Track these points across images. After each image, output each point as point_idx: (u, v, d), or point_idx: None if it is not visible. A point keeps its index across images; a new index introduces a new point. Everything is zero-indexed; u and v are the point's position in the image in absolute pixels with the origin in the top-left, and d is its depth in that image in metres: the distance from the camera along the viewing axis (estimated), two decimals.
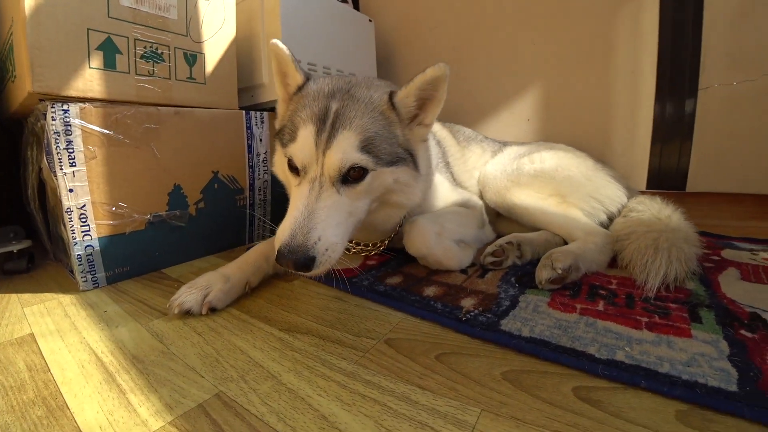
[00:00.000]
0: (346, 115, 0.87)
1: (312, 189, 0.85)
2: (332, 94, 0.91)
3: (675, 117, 1.51)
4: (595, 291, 0.93)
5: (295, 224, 0.80)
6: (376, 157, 0.88)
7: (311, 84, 0.97)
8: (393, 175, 0.93)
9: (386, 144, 0.90)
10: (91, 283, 1.09)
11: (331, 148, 0.84)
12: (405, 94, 0.93)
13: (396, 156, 0.92)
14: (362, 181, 0.88)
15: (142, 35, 1.15)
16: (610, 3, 1.61)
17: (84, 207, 1.05)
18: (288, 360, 0.72)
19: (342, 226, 0.86)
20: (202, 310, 0.89)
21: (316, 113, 0.88)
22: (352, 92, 0.92)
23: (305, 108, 0.90)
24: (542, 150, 1.37)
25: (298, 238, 0.78)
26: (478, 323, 0.80)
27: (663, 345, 0.69)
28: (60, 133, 0.99)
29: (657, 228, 1.02)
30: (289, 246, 0.78)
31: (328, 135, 0.85)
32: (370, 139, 0.87)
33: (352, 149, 0.85)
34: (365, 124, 0.88)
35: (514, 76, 1.87)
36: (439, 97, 0.95)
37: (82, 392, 0.65)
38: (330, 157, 0.84)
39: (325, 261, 0.81)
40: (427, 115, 0.98)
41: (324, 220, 0.82)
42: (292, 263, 0.77)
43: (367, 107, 0.90)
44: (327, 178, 0.85)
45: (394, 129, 0.93)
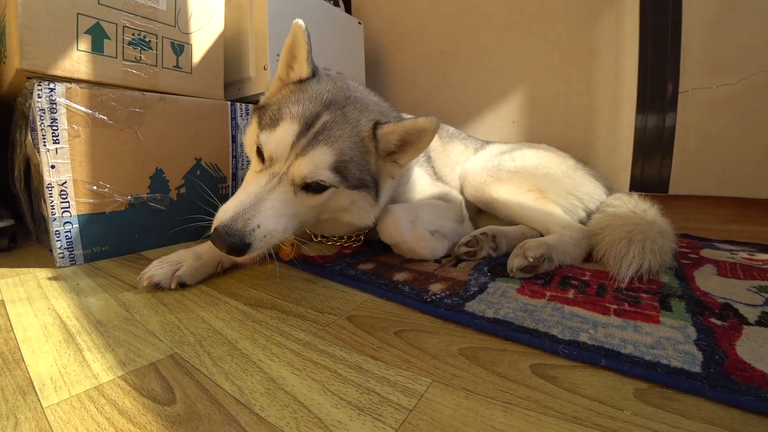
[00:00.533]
0: (332, 132, 0.86)
1: (269, 182, 0.83)
2: (327, 105, 0.90)
3: (656, 120, 1.53)
4: (567, 281, 0.93)
5: (240, 207, 0.78)
6: (343, 178, 0.87)
7: (314, 83, 0.95)
8: (351, 197, 0.93)
9: (357, 170, 0.90)
10: (68, 259, 1.10)
11: (305, 156, 0.83)
12: (390, 131, 0.92)
13: (362, 182, 0.92)
14: (321, 194, 0.87)
15: (130, 23, 1.19)
16: (591, 9, 1.65)
17: (65, 184, 1.06)
18: (247, 329, 0.72)
19: (285, 219, 0.84)
20: (171, 284, 0.90)
21: (305, 115, 0.86)
22: (346, 110, 0.91)
23: (298, 104, 0.89)
24: (524, 148, 1.38)
25: (238, 222, 0.77)
26: (442, 304, 0.80)
27: (629, 329, 0.69)
28: (45, 110, 1.02)
29: (632, 221, 1.02)
30: (228, 228, 0.76)
31: (308, 143, 0.84)
32: (343, 162, 0.86)
33: (324, 166, 0.84)
34: (344, 147, 0.87)
35: (499, 79, 1.90)
36: (420, 146, 0.94)
37: (40, 349, 0.66)
38: (300, 164, 0.83)
39: (261, 246, 0.79)
40: (402, 156, 0.97)
41: (269, 210, 0.80)
42: (226, 246, 0.75)
43: (352, 131, 0.89)
44: (289, 179, 0.84)
45: (368, 158, 0.93)
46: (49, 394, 0.54)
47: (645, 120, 1.55)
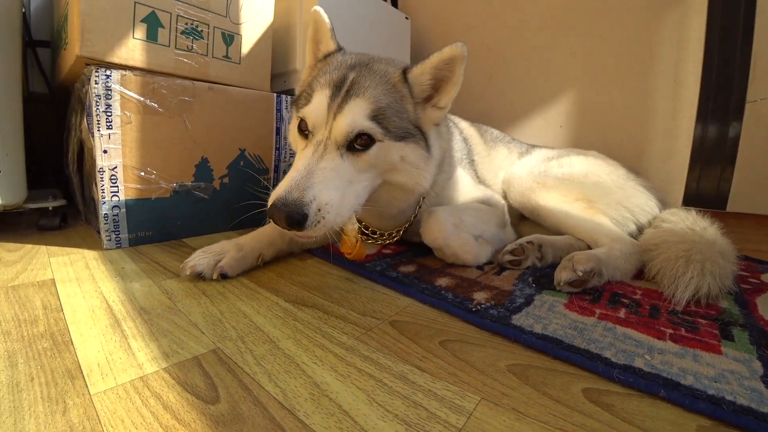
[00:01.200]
0: (361, 84, 0.88)
1: (315, 151, 0.84)
2: (353, 66, 0.92)
3: (719, 131, 1.43)
4: (617, 299, 0.88)
5: (292, 182, 0.78)
6: (384, 128, 0.87)
7: (338, 55, 1.00)
8: (400, 152, 0.91)
9: (396, 117, 0.89)
10: (114, 242, 1.13)
11: (342, 113, 0.85)
12: (420, 72, 0.92)
13: (405, 131, 0.91)
14: (368, 151, 0.86)
15: (184, 12, 1.20)
16: (653, 9, 1.55)
17: (115, 168, 1.09)
18: (289, 328, 0.71)
19: (340, 191, 0.83)
20: (213, 274, 0.90)
21: (334, 79, 0.89)
22: (371, 65, 0.93)
23: (325, 74, 0.92)
24: (572, 155, 1.33)
25: (293, 193, 0.77)
26: (488, 315, 0.77)
27: (688, 357, 0.64)
28: (101, 96, 1.05)
29: (690, 239, 0.96)
30: (283, 200, 0.76)
31: (341, 100, 0.86)
32: (380, 110, 0.87)
33: (362, 116, 0.85)
34: (378, 94, 0.88)
35: (548, 81, 1.83)
36: (455, 80, 0.93)
37: (88, 332, 0.68)
38: (339, 121, 0.84)
39: (319, 223, 0.78)
40: (442, 97, 0.96)
41: (322, 182, 0.80)
42: (285, 216, 0.75)
43: (381, 79, 0.91)
44: (333, 141, 0.84)
45: (405, 104, 0.92)
46: (97, 381, 0.55)
47: (705, 130, 1.45)
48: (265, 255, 1.02)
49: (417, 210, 1.11)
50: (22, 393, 0.52)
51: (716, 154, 1.44)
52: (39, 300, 0.79)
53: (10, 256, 1.06)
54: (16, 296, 0.80)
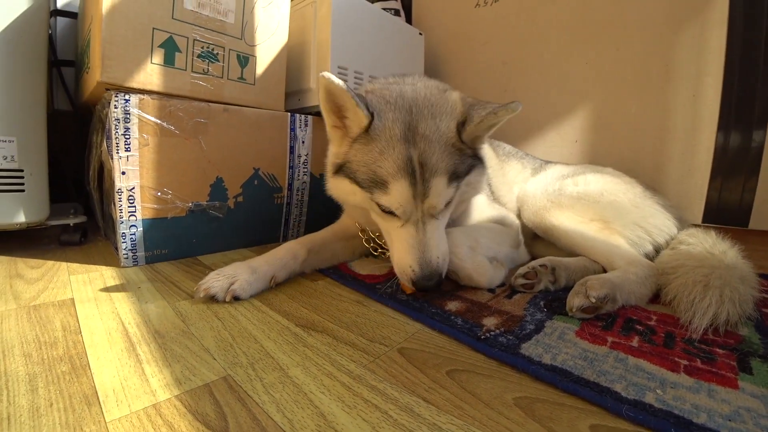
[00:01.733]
0: (431, 162, 0.89)
1: (418, 228, 0.92)
2: (405, 137, 0.89)
3: (740, 146, 1.38)
4: (630, 325, 0.86)
5: (421, 259, 0.90)
6: (457, 177, 0.94)
7: (377, 123, 0.91)
8: (467, 180, 0.99)
9: (462, 164, 0.95)
10: (131, 260, 1.17)
11: (429, 196, 0.90)
12: (473, 131, 0.94)
13: (469, 167, 0.98)
14: (452, 201, 0.98)
15: (201, 36, 1.24)
16: (671, 21, 1.52)
17: (133, 189, 1.12)
18: (298, 355, 0.72)
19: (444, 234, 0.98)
20: (226, 297, 0.92)
21: (402, 166, 0.88)
22: (423, 132, 0.90)
23: (385, 157, 0.89)
24: (588, 172, 1.30)
25: (427, 268, 0.90)
26: (497, 343, 0.76)
27: (702, 393, 0.62)
28: (120, 120, 1.08)
29: (709, 263, 0.93)
30: (424, 276, 0.89)
31: (423, 186, 0.89)
32: (453, 172, 0.92)
33: (445, 189, 0.92)
34: (447, 164, 0.91)
35: (563, 95, 1.80)
36: (500, 125, 0.97)
37: (104, 356, 0.70)
38: (429, 203, 0.91)
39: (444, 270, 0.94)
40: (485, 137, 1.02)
41: (437, 244, 0.93)
42: (433, 286, 0.91)
43: (440, 144, 0.91)
44: (428, 215, 0.93)
45: (464, 150, 0.97)
46: (112, 408, 0.57)
47: (727, 145, 1.41)
48: (277, 277, 1.03)
49: None
50: (41, 419, 0.54)
51: (738, 171, 1.40)
52: (59, 321, 0.82)
53: (32, 273, 1.10)
54: (38, 317, 0.83)
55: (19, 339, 0.74)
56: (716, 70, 1.42)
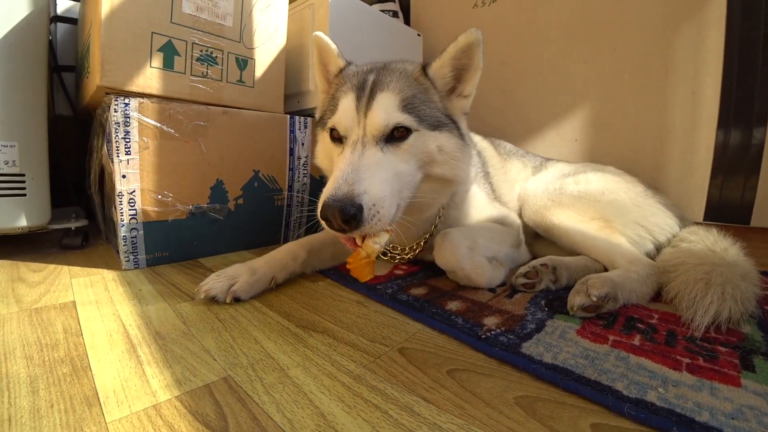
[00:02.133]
0: (383, 81, 0.91)
1: (354, 150, 0.85)
2: (370, 70, 0.96)
3: (740, 144, 1.38)
4: (632, 324, 0.86)
5: (339, 180, 0.78)
6: (417, 117, 0.89)
7: (352, 66, 1.03)
8: (436, 141, 0.93)
9: (424, 106, 0.92)
10: (132, 263, 1.17)
11: (372, 109, 0.87)
12: (439, 65, 0.95)
13: (437, 120, 0.93)
14: (406, 140, 0.88)
15: (199, 40, 1.24)
16: (668, 21, 1.52)
17: (133, 192, 1.13)
18: (299, 355, 0.72)
19: (389, 183, 0.83)
20: (226, 298, 0.92)
21: (355, 84, 0.92)
22: (388, 65, 0.97)
23: (345, 83, 0.95)
24: (589, 171, 1.30)
25: (342, 188, 0.76)
26: (497, 343, 0.76)
27: (705, 391, 0.62)
28: (120, 123, 1.09)
29: (710, 261, 0.93)
30: (334, 196, 0.75)
31: (368, 99, 0.88)
32: (408, 99, 0.89)
33: (393, 108, 0.87)
34: (402, 86, 0.90)
35: (562, 95, 1.80)
36: (474, 66, 0.95)
37: (105, 358, 0.70)
38: (371, 117, 0.86)
39: (374, 217, 0.77)
40: (465, 86, 0.99)
41: (370, 176, 0.80)
42: (339, 212, 0.74)
43: (402, 75, 0.93)
44: (370, 137, 0.87)
45: (431, 95, 0.95)
46: (112, 409, 0.57)
47: (727, 143, 1.41)
48: (278, 278, 1.03)
49: (437, 220, 1.11)
50: (42, 420, 0.54)
51: (739, 169, 1.39)
52: (60, 323, 0.82)
53: (34, 276, 1.11)
54: (39, 319, 0.84)
55: (21, 341, 0.74)
56: (715, 68, 1.42)
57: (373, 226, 0.78)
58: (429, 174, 0.95)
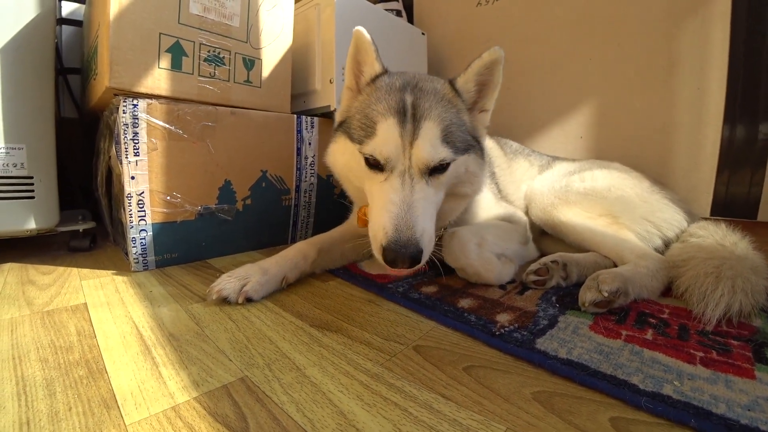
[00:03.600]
0: (424, 106, 0.88)
1: (404, 183, 0.84)
2: (403, 88, 0.92)
3: (747, 139, 1.38)
4: (644, 318, 0.86)
5: (398, 219, 0.79)
6: (453, 147, 0.89)
7: (385, 77, 0.98)
8: (465, 164, 0.95)
9: (459, 132, 0.92)
10: (141, 264, 1.17)
11: (418, 140, 0.84)
12: (464, 80, 0.96)
13: (467, 143, 0.94)
14: (445, 172, 0.89)
15: (207, 40, 1.24)
16: (673, 16, 1.52)
17: (142, 194, 1.13)
18: (314, 355, 0.72)
19: (434, 218, 0.88)
20: (238, 299, 0.92)
21: (393, 106, 0.88)
22: (420, 85, 0.94)
23: (380, 101, 0.90)
24: (594, 168, 1.30)
25: (404, 232, 0.77)
26: (512, 339, 0.76)
27: (720, 383, 0.62)
28: (128, 125, 1.09)
29: (720, 255, 0.93)
30: (398, 241, 0.77)
31: (413, 127, 0.85)
32: (447, 128, 0.89)
33: (438, 141, 0.86)
34: (441, 113, 0.89)
35: (567, 92, 1.80)
36: (495, 81, 0.97)
37: (120, 359, 0.70)
38: (418, 150, 0.84)
39: (427, 254, 0.81)
40: (486, 101, 1.00)
41: (423, 214, 0.82)
42: (407, 259, 0.76)
43: (437, 96, 0.92)
44: (416, 170, 0.85)
45: (462, 116, 0.96)
46: (131, 411, 0.57)
47: (733, 138, 1.41)
48: (288, 278, 1.03)
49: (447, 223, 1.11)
50: (61, 423, 0.54)
51: (745, 164, 1.39)
52: (73, 325, 0.82)
53: (44, 279, 1.11)
54: (52, 322, 0.84)
55: (35, 344, 0.75)
56: (721, 63, 1.42)
57: (424, 261, 0.81)
58: (453, 192, 0.98)
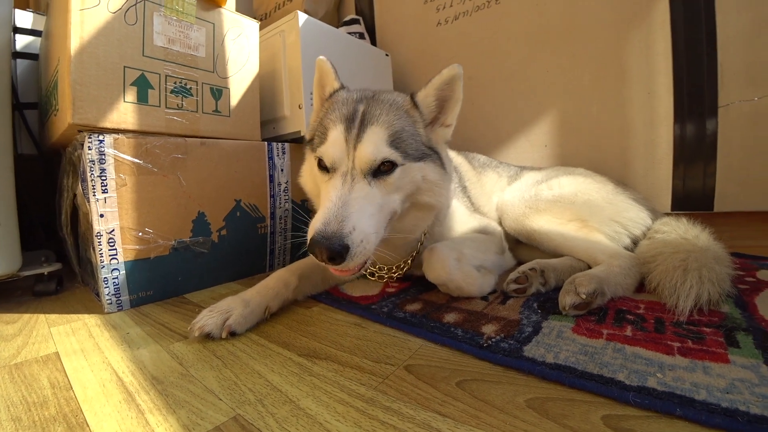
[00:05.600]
0: (373, 113, 0.93)
1: (344, 182, 0.88)
2: (360, 99, 0.98)
3: (696, 136, 1.49)
4: (622, 316, 0.90)
5: (329, 213, 0.81)
6: (404, 152, 0.92)
7: (343, 92, 1.06)
8: (421, 172, 0.97)
9: (412, 140, 0.95)
10: (115, 305, 1.12)
11: (362, 143, 0.89)
12: (425, 94, 1.00)
13: (422, 152, 0.97)
14: (392, 174, 0.91)
15: (172, 72, 1.23)
16: (619, 27, 1.63)
17: (113, 232, 1.09)
18: (306, 385, 0.71)
19: (375, 218, 0.87)
20: (222, 333, 0.89)
21: (345, 114, 0.94)
22: (377, 96, 1.00)
23: (335, 111, 0.97)
24: (561, 175, 1.36)
25: (332, 225, 0.79)
26: (499, 349, 0.77)
27: (698, 371, 0.66)
28: (95, 161, 1.05)
29: (684, 248, 0.99)
30: (323, 233, 0.77)
31: (358, 131, 0.90)
32: (397, 134, 0.92)
33: (382, 143, 0.90)
34: (391, 120, 0.93)
35: (529, 102, 1.88)
36: (456, 97, 1.01)
37: (102, 410, 0.66)
38: (360, 151, 0.89)
39: (360, 252, 0.80)
40: (447, 116, 1.04)
41: (358, 211, 0.83)
42: (326, 250, 0.76)
43: (392, 106, 0.96)
44: (358, 171, 0.89)
45: (417, 127, 0.99)
46: None
47: (684, 136, 1.51)
48: (271, 307, 1.01)
49: (423, 237, 1.13)
50: None
51: (697, 159, 1.49)
52: (45, 378, 0.77)
53: (8, 329, 1.04)
54: (21, 376, 0.78)
55: (4, 402, 0.69)
56: (665, 68, 1.53)
57: (359, 259, 0.82)
58: (415, 202, 1.00)
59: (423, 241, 1.13)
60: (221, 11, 1.36)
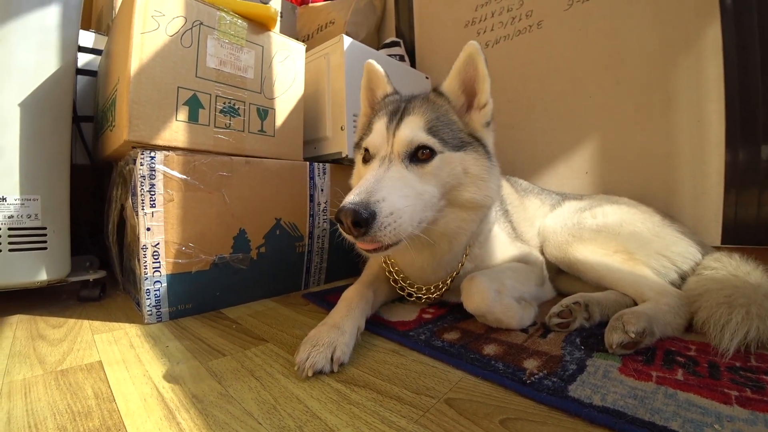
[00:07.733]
0: (410, 107, 1.00)
1: (381, 164, 0.91)
2: (405, 99, 1.08)
3: (751, 164, 1.41)
4: (671, 357, 0.85)
5: (361, 188, 0.82)
6: (441, 139, 0.94)
7: (394, 95, 1.16)
8: (462, 164, 0.96)
9: (448, 128, 0.97)
10: (155, 316, 1.15)
11: (400, 128, 0.95)
12: (448, 83, 1.04)
13: (460, 140, 0.98)
14: (431, 162, 0.93)
15: (222, 92, 1.28)
16: (666, 54, 1.59)
17: (158, 245, 1.13)
18: (345, 413, 0.70)
19: (410, 199, 0.85)
20: (334, 367, 0.84)
21: (390, 110, 1.02)
22: (417, 95, 1.08)
23: (382, 110, 1.06)
24: (604, 204, 1.32)
25: (361, 195, 0.79)
26: (543, 387, 0.74)
27: (760, 424, 0.61)
28: (145, 176, 1.10)
29: (732, 284, 0.94)
30: (352, 201, 0.78)
31: (397, 121, 0.97)
32: (432, 122, 0.96)
33: (419, 129, 0.94)
34: (425, 110, 0.98)
35: (570, 129, 1.85)
36: (481, 74, 1.00)
37: (143, 426, 0.67)
38: (398, 136, 0.94)
39: (388, 225, 0.78)
40: (480, 96, 1.03)
41: (390, 187, 0.84)
42: (351, 213, 0.75)
43: (424, 100, 1.02)
44: (396, 155, 0.93)
45: (450, 116, 1.01)
46: None
47: (737, 165, 1.43)
48: (361, 327, 0.98)
49: (463, 258, 1.10)
50: None
51: (752, 189, 1.41)
52: (90, 387, 0.79)
53: (55, 333, 1.08)
54: (67, 383, 0.81)
55: (51, 409, 0.71)
56: (718, 95, 1.47)
57: (387, 235, 0.79)
58: (456, 199, 0.98)
59: (464, 262, 1.11)
60: (270, 34, 1.41)
